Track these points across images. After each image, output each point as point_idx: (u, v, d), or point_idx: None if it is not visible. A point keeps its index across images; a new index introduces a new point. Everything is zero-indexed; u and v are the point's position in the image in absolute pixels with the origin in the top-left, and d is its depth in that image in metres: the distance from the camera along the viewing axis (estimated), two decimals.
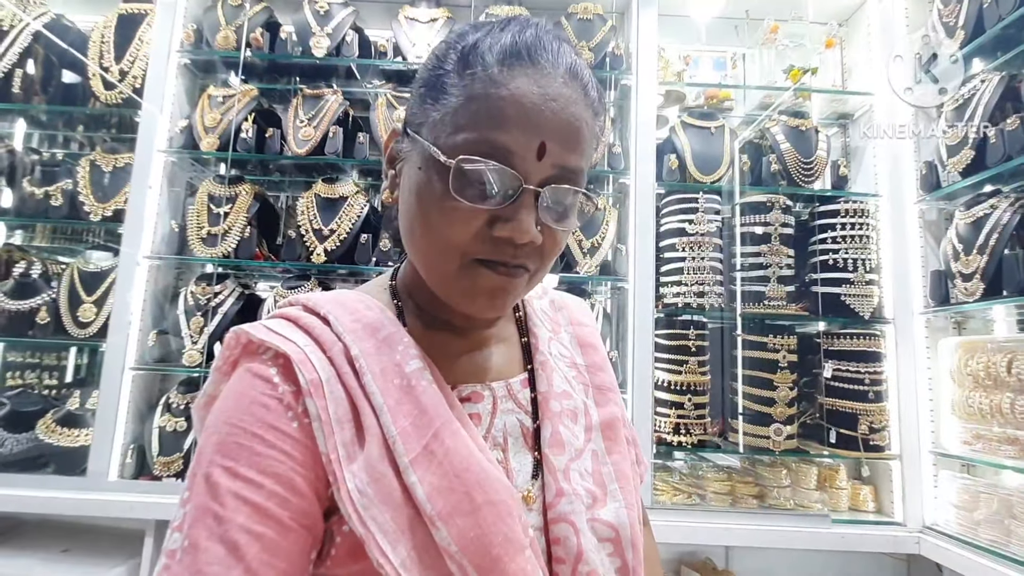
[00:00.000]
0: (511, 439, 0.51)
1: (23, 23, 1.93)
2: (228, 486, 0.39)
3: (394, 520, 0.41)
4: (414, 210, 0.47)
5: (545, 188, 0.44)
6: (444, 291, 0.48)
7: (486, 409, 0.51)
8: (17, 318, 1.82)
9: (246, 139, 1.86)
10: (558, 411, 0.53)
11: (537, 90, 0.43)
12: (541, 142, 0.43)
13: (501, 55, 0.43)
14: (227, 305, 1.87)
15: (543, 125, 0.43)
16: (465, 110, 0.43)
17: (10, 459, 1.74)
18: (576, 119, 0.44)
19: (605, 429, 0.55)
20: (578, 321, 0.64)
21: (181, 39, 1.91)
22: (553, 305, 0.65)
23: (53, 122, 2.17)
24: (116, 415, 1.73)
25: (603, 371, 0.60)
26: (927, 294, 1.79)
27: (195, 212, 1.88)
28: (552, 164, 0.43)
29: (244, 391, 0.43)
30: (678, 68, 2.02)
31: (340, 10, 1.97)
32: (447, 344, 0.53)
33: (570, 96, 0.44)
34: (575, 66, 0.46)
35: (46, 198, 1.86)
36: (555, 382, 0.55)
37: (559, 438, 0.52)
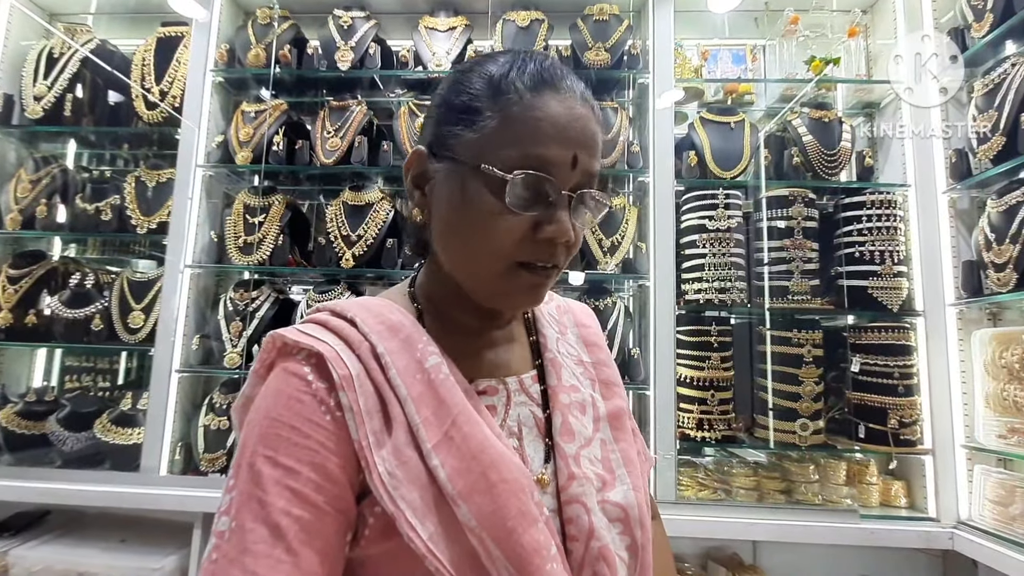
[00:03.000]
0: (525, 429, 0.55)
1: (72, 50, 2.07)
2: (270, 473, 0.44)
3: (421, 499, 0.45)
4: (459, 223, 0.52)
5: (578, 193, 0.51)
6: (487, 292, 0.53)
7: (501, 401, 0.56)
8: (74, 325, 1.96)
9: (278, 151, 1.96)
10: (567, 403, 0.58)
11: (565, 111, 0.50)
12: (574, 154, 0.49)
13: (531, 82, 0.50)
14: (263, 310, 1.96)
15: (573, 139, 0.49)
16: (506, 130, 0.49)
17: (71, 456, 1.87)
18: (594, 133, 0.52)
19: (612, 419, 0.60)
20: (583, 323, 0.70)
21: (215, 59, 2.01)
22: (559, 309, 0.70)
23: (101, 141, 2.31)
24: (165, 415, 1.85)
25: (608, 367, 0.65)
26: (959, 285, 1.75)
27: (232, 222, 1.98)
28: (582, 172, 0.50)
29: (281, 388, 0.48)
30: (696, 64, 2.01)
31: (363, 24, 2.04)
32: (464, 343, 0.57)
33: (586, 114, 0.51)
34: (585, 91, 0.53)
35: (97, 213, 1.99)
36: (564, 377, 0.60)
37: (569, 427, 0.56)
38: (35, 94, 2.04)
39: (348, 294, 1.96)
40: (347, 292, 1.97)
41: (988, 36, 1.68)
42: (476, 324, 0.59)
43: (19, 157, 2.18)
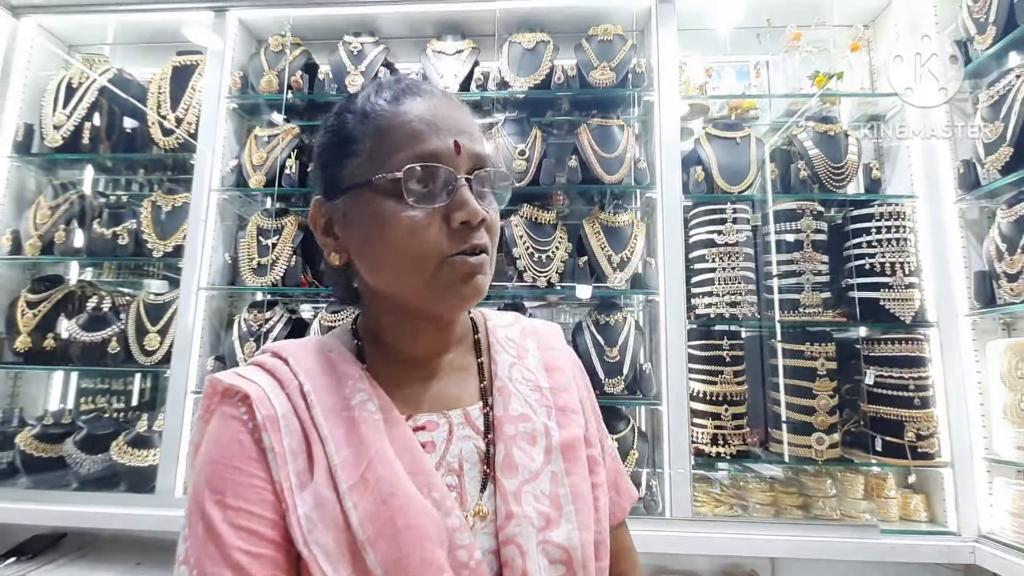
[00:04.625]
0: (467, 464, 0.53)
1: (90, 80, 2.13)
2: (221, 516, 0.44)
3: (335, 543, 0.45)
4: (377, 241, 0.52)
5: (473, 175, 0.53)
6: (426, 295, 0.52)
7: (441, 437, 0.54)
8: (91, 348, 1.98)
9: (290, 174, 1.99)
10: (512, 434, 0.55)
11: (430, 107, 0.53)
12: (454, 141, 0.52)
13: (391, 95, 0.54)
14: (277, 330, 1.99)
15: (448, 129, 0.52)
16: (383, 142, 0.51)
17: (87, 479, 1.89)
18: (468, 120, 0.55)
19: (565, 450, 0.56)
20: (547, 346, 0.66)
21: (229, 86, 2.06)
22: (523, 332, 0.66)
23: (117, 168, 2.37)
24: (180, 436, 1.86)
25: (566, 392, 0.61)
26: (972, 296, 1.74)
27: (246, 244, 2.01)
28: (469, 155, 0.52)
29: (222, 431, 0.49)
30: (700, 81, 2.04)
31: (372, 49, 2.09)
32: (405, 377, 0.57)
33: (453, 106, 0.55)
34: (447, 91, 0.57)
35: (114, 238, 2.03)
36: (512, 406, 0.57)
37: (512, 461, 0.54)
38: (54, 123, 2.10)
39: (357, 313, 1.98)
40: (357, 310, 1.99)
41: (992, 48, 1.70)
42: (419, 354, 0.58)
43: (39, 184, 2.24)
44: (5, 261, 2.09)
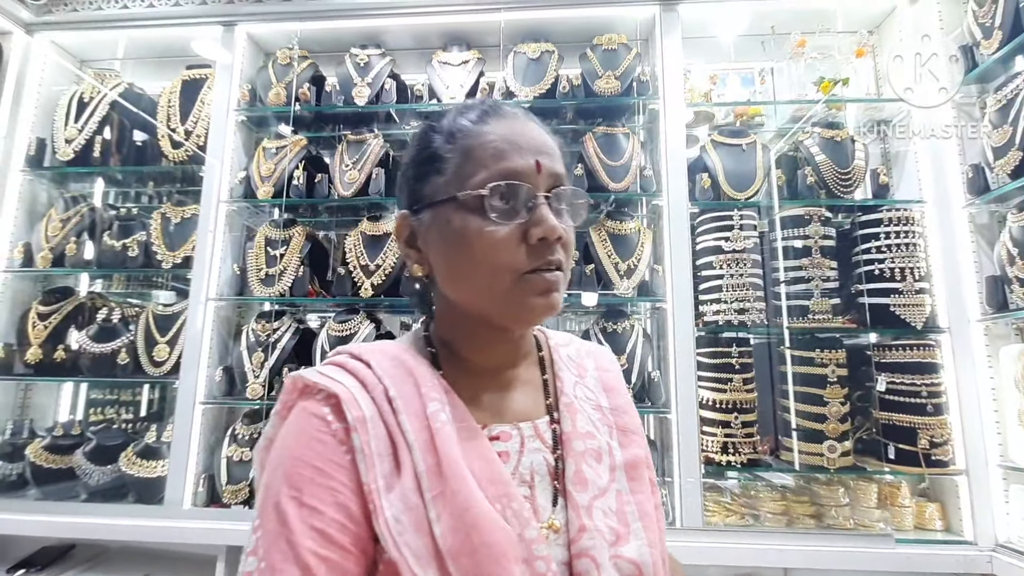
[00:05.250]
0: (537, 476, 0.55)
1: (101, 94, 2.16)
2: (296, 513, 0.45)
3: (424, 548, 0.45)
4: (458, 256, 0.54)
5: (552, 192, 0.54)
6: (503, 309, 0.54)
7: (514, 448, 0.55)
8: (100, 360, 1.99)
9: (298, 185, 2.01)
10: (581, 450, 0.57)
11: (512, 128, 0.55)
12: (536, 160, 0.54)
13: (476, 116, 0.56)
14: (284, 340, 1.99)
15: (529, 148, 0.54)
16: (468, 161, 0.54)
17: (96, 490, 1.89)
18: (547, 140, 0.57)
19: (629, 469, 0.58)
20: (603, 367, 0.68)
21: (238, 99, 2.08)
22: (579, 352, 0.68)
23: (127, 180, 2.39)
24: (189, 447, 1.87)
25: (627, 414, 0.63)
26: (983, 301, 1.73)
27: (254, 255, 2.03)
28: (549, 174, 0.54)
29: (303, 428, 0.50)
30: (705, 88, 2.04)
31: (378, 60, 2.11)
32: (480, 387, 0.58)
33: (533, 126, 0.57)
34: (527, 112, 0.59)
35: (124, 249, 2.05)
36: (579, 423, 0.59)
37: (582, 476, 0.55)
38: (66, 137, 2.13)
39: (367, 323, 1.99)
40: (366, 321, 1.99)
41: (998, 52, 1.69)
42: (490, 366, 0.60)
43: (50, 197, 2.26)
44: (17, 273, 2.11)
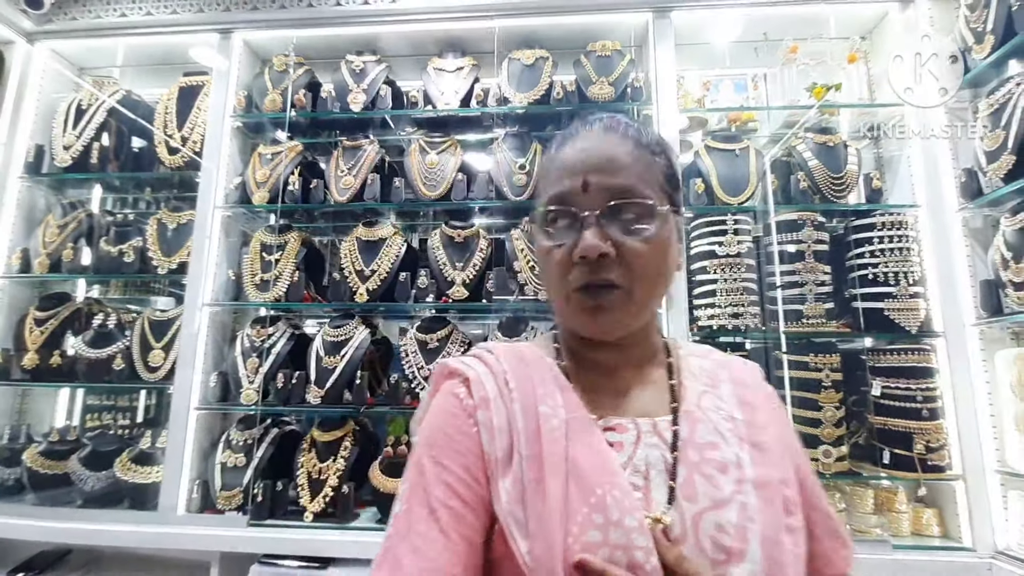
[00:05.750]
0: (653, 471, 0.55)
1: (100, 101, 2.18)
2: (431, 469, 0.54)
3: (525, 518, 0.51)
4: (541, 270, 0.64)
5: (601, 208, 0.56)
6: (566, 322, 0.62)
7: (630, 440, 0.56)
8: (96, 365, 2.00)
9: (293, 191, 2.02)
10: (696, 460, 0.55)
11: (577, 147, 0.59)
12: (583, 180, 0.56)
13: (558, 144, 0.62)
14: (279, 346, 1.99)
15: (582, 168, 0.57)
16: (542, 184, 0.63)
17: (91, 495, 1.89)
18: (612, 153, 0.57)
19: (759, 487, 0.54)
20: (740, 380, 0.64)
21: (234, 105, 2.10)
22: (715, 363, 0.66)
23: (124, 186, 2.41)
24: (183, 452, 1.87)
25: (764, 430, 0.58)
26: (978, 305, 1.72)
27: (249, 260, 2.03)
28: (600, 190, 0.56)
29: (442, 405, 0.59)
30: (699, 94, 2.05)
31: (374, 67, 2.13)
32: (597, 382, 0.61)
33: (605, 140, 0.59)
34: (613, 123, 0.60)
35: (120, 255, 2.06)
36: (698, 432, 0.57)
37: (692, 486, 0.53)
38: (64, 144, 2.15)
39: (362, 327, 1.99)
40: (361, 326, 2.00)
41: (990, 57, 1.70)
42: (609, 363, 0.62)
43: (48, 203, 2.28)
44: (14, 279, 2.12)
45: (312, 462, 1.87)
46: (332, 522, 1.78)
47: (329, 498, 1.80)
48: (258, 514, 1.78)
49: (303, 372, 1.92)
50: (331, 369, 1.90)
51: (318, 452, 1.89)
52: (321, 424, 1.94)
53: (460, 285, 1.94)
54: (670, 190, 0.60)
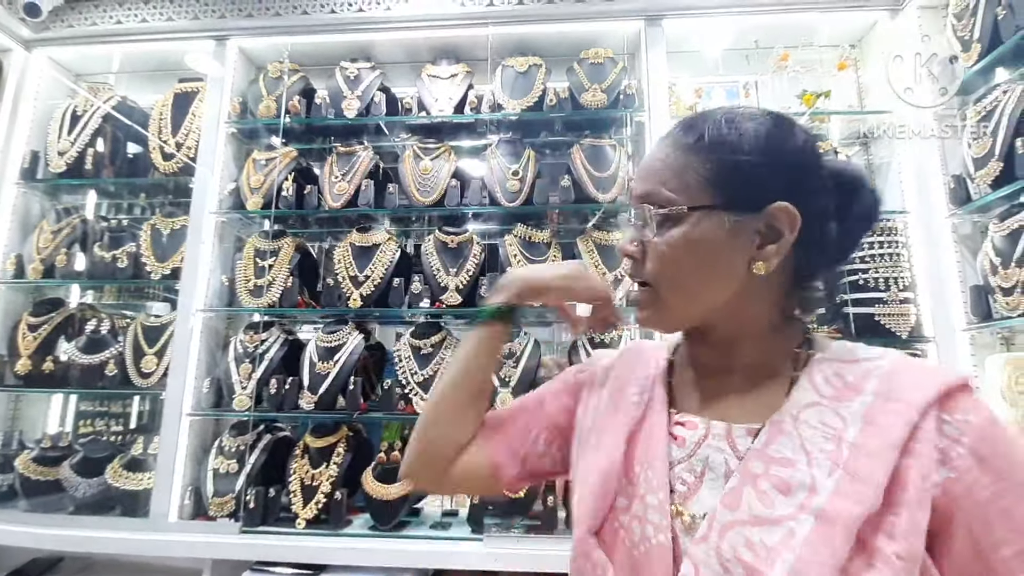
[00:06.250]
0: (710, 472, 0.55)
1: (95, 107, 2.18)
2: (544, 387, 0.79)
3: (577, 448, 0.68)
4: None
5: (636, 212, 0.61)
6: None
7: (693, 437, 0.58)
8: (89, 371, 2.00)
9: (287, 197, 2.02)
10: (756, 473, 0.51)
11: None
12: (632, 186, 0.64)
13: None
14: (272, 351, 1.99)
15: (638, 174, 0.62)
16: None
17: (83, 502, 1.89)
18: (649, 159, 0.61)
19: (821, 518, 0.47)
20: (894, 395, 0.51)
21: (229, 111, 2.11)
22: (866, 373, 0.54)
23: (119, 192, 2.41)
24: (175, 459, 1.86)
25: (872, 458, 0.48)
26: (968, 310, 1.73)
27: (243, 266, 2.04)
28: (635, 196, 0.61)
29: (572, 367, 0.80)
30: (691, 101, 2.07)
31: (368, 74, 2.14)
32: (691, 379, 0.65)
33: (656, 149, 0.61)
34: (673, 127, 0.62)
35: (114, 261, 2.06)
36: (776, 446, 0.52)
37: (738, 496, 0.51)
38: (59, 149, 2.15)
39: (356, 333, 1.99)
40: (355, 331, 2.00)
41: (977, 65, 1.72)
42: (709, 363, 0.63)
43: (42, 209, 2.28)
44: (9, 285, 2.12)
45: (305, 468, 1.87)
46: (325, 529, 1.77)
47: (322, 505, 1.80)
48: (250, 521, 1.78)
49: (296, 378, 1.92)
50: (324, 375, 1.90)
51: (311, 458, 1.89)
52: (314, 430, 1.94)
53: (454, 291, 1.94)
54: (715, 189, 0.55)
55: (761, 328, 0.59)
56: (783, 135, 0.57)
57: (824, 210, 0.57)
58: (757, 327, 0.59)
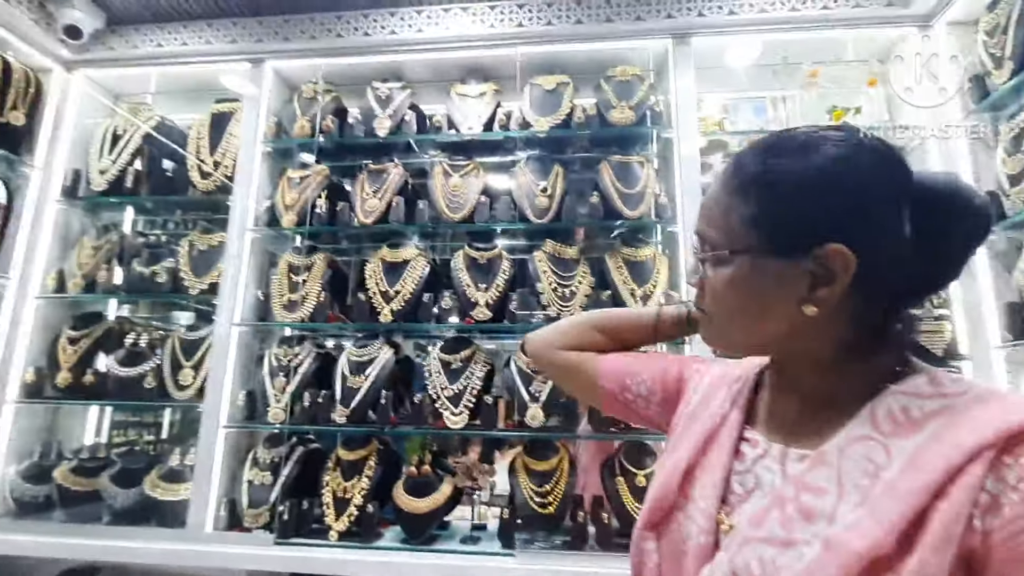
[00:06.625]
0: (758, 490, 0.58)
1: (135, 127, 2.26)
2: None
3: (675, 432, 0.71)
4: None
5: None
6: None
7: (752, 454, 0.61)
8: (128, 384, 2.05)
9: (320, 213, 2.07)
10: (787, 496, 0.52)
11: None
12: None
13: None
14: (305, 365, 2.03)
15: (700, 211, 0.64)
16: None
17: (120, 513, 1.93)
18: (709, 195, 0.62)
19: (826, 545, 0.47)
20: (947, 437, 0.47)
21: (264, 131, 2.17)
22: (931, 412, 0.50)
23: (157, 209, 2.48)
24: (211, 471, 1.90)
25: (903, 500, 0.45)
26: (1004, 327, 1.71)
27: (277, 281, 2.08)
28: (695, 233, 0.64)
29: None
30: (718, 117, 2.08)
31: (399, 93, 2.19)
32: (768, 398, 0.66)
33: (716, 181, 0.62)
34: (736, 158, 0.60)
35: (152, 276, 2.12)
36: (813, 474, 0.52)
37: (763, 515, 0.53)
38: (100, 168, 2.22)
39: (387, 348, 2.02)
40: (385, 346, 2.03)
41: (1009, 82, 1.71)
42: (779, 385, 0.65)
43: (83, 226, 2.35)
44: (49, 299, 2.18)
45: (337, 481, 1.90)
46: (357, 541, 1.79)
47: (354, 517, 1.82)
48: (284, 533, 1.80)
49: (329, 391, 1.95)
50: (356, 389, 1.93)
51: (343, 471, 1.92)
52: (346, 443, 1.97)
53: (483, 306, 1.96)
54: (758, 231, 0.54)
55: (823, 360, 0.57)
56: (842, 164, 0.52)
57: (898, 241, 0.51)
58: (818, 359, 0.57)
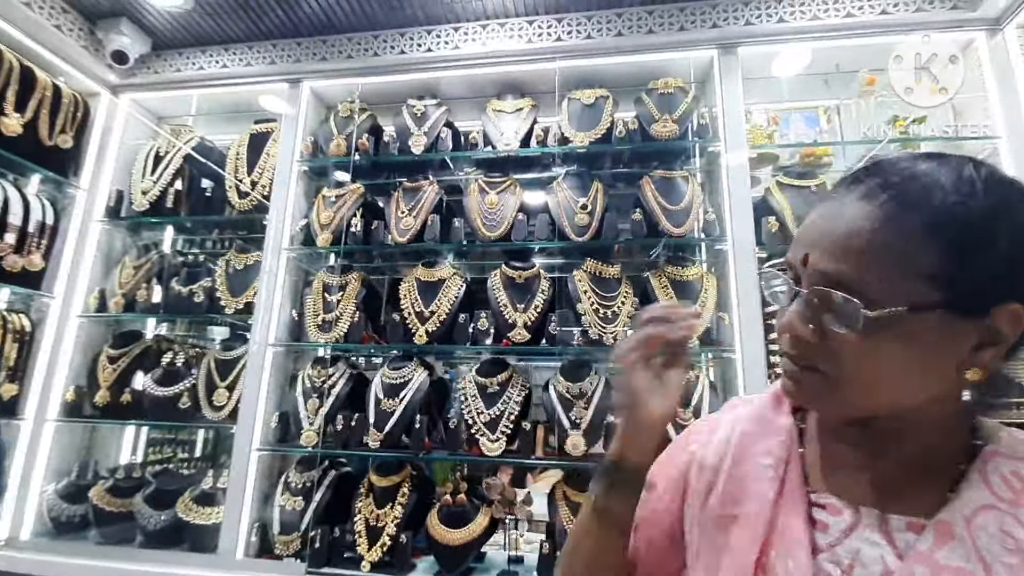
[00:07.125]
0: (859, 568, 0.48)
1: (176, 148, 2.29)
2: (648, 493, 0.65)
3: (696, 538, 0.58)
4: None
5: (803, 290, 0.50)
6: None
7: (839, 525, 0.51)
8: (163, 403, 2.04)
9: (355, 232, 2.04)
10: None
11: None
12: (805, 254, 0.50)
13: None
14: (339, 386, 1.99)
15: (807, 240, 0.51)
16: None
17: (152, 534, 1.90)
18: (844, 229, 0.47)
19: None
20: None
21: (301, 151, 2.16)
22: None
23: (195, 228, 2.50)
24: (244, 495, 1.86)
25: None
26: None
27: (312, 301, 2.05)
28: (812, 271, 0.49)
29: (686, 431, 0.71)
30: (767, 130, 1.98)
31: (434, 110, 2.16)
32: (835, 451, 0.56)
33: (830, 215, 0.50)
34: (877, 186, 0.47)
35: (190, 295, 2.12)
36: (947, 550, 0.45)
37: None
38: (142, 188, 2.25)
39: (421, 369, 1.96)
40: (420, 368, 1.97)
41: None
42: (858, 444, 0.53)
43: (124, 245, 2.38)
44: (91, 318, 2.21)
45: (370, 508, 1.83)
46: (390, 572, 1.72)
47: (387, 547, 1.75)
48: (316, 561, 1.74)
49: (362, 414, 1.90)
50: (390, 412, 1.87)
51: (375, 498, 1.85)
52: (378, 468, 1.91)
53: (521, 327, 1.89)
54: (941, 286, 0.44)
55: (935, 420, 0.50)
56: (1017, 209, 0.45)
57: None
58: (931, 419, 0.50)
